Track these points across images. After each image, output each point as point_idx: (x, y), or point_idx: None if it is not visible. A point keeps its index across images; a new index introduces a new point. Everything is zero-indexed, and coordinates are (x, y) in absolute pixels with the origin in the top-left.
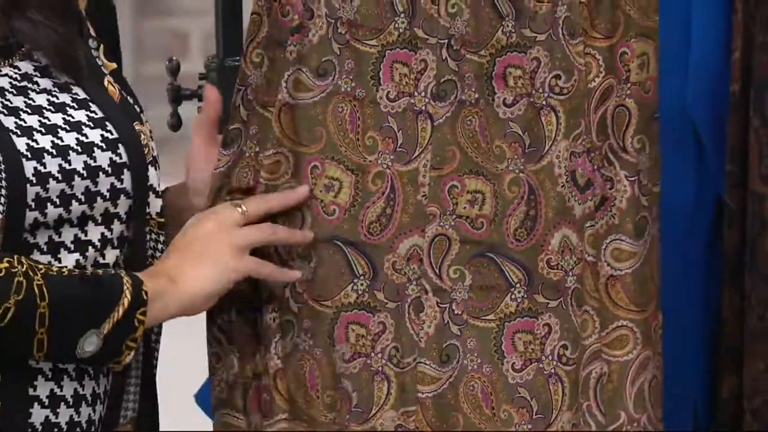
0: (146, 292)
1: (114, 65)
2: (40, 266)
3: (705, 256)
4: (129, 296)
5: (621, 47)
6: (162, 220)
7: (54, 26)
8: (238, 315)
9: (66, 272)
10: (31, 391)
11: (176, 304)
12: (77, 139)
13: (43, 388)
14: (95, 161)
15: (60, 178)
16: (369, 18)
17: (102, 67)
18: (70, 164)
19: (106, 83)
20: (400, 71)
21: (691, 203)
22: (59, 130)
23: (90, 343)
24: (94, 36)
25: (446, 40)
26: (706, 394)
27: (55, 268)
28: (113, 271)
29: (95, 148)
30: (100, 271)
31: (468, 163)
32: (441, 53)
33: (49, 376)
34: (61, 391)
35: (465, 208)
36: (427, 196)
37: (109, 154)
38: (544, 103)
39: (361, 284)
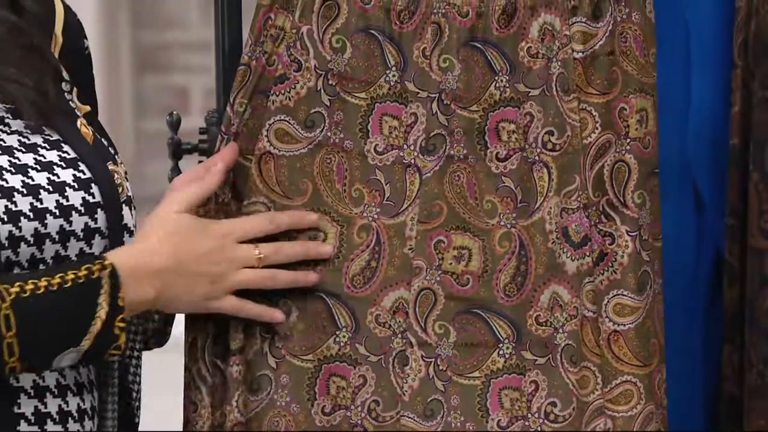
0: (122, 299)
1: (87, 108)
2: (13, 289)
3: (706, 310)
4: (106, 306)
5: (619, 103)
6: None
7: (27, 79)
8: (213, 367)
9: (42, 288)
10: (15, 410)
11: (150, 308)
12: (48, 178)
13: (27, 406)
14: (67, 200)
15: (32, 216)
16: (359, 70)
17: (75, 110)
18: (41, 203)
19: (79, 125)
20: (390, 124)
21: (692, 258)
22: (29, 169)
23: (68, 360)
24: (68, 79)
25: (437, 95)
26: None
27: (30, 286)
28: (95, 272)
29: (67, 188)
30: (81, 276)
31: (455, 218)
32: (431, 107)
33: (32, 394)
34: (46, 408)
35: (451, 263)
36: (414, 249)
37: (81, 193)
38: (536, 158)
39: (343, 336)
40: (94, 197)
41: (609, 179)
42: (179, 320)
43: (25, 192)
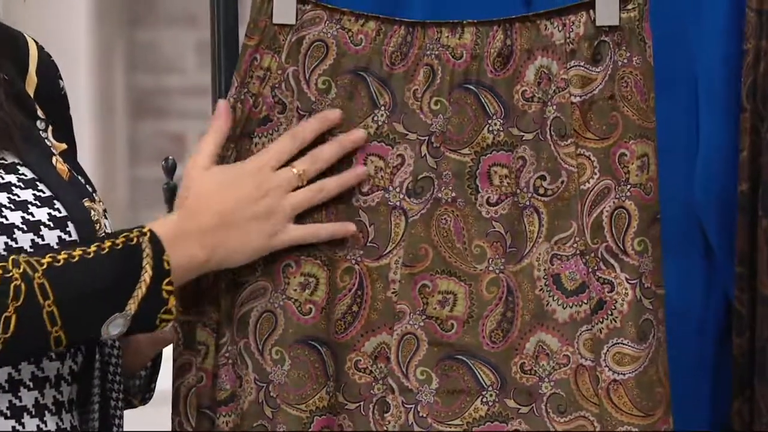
0: (168, 261)
1: (64, 146)
2: (44, 260)
3: (714, 360)
4: (150, 270)
5: (619, 149)
6: None
7: None
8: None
9: (77, 257)
10: None
11: (205, 270)
12: (22, 217)
13: (3, 425)
14: (43, 239)
15: (7, 255)
16: (344, 111)
17: (51, 148)
18: (16, 242)
19: (54, 162)
20: (376, 164)
21: (699, 306)
22: (3, 209)
23: (116, 326)
24: (42, 117)
25: (426, 137)
26: None
27: (63, 256)
28: (134, 238)
29: (42, 227)
30: (118, 243)
31: (440, 262)
32: (420, 150)
33: (8, 415)
34: (24, 428)
35: (435, 308)
36: (397, 293)
37: (57, 232)
38: (527, 203)
39: (331, 386)
40: (70, 236)
41: (608, 226)
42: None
43: None
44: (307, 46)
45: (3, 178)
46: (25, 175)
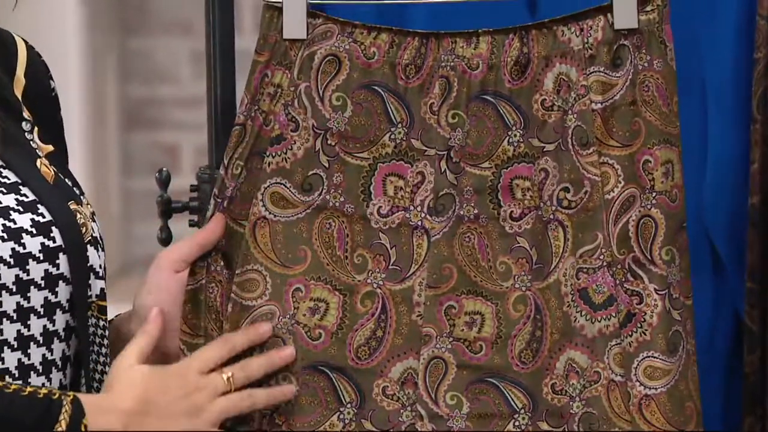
0: (86, 426)
1: (50, 147)
2: None
3: (724, 378)
4: (64, 426)
5: (643, 155)
6: (104, 303)
7: None
8: None
9: None
10: None
11: None
12: (3, 225)
13: None
14: (24, 248)
15: None
16: (360, 129)
17: (37, 150)
18: None
19: (39, 164)
20: (395, 184)
21: (708, 322)
22: None
23: None
24: (28, 119)
25: (445, 152)
26: None
27: None
28: (56, 394)
29: (24, 234)
30: (41, 393)
31: (466, 282)
32: (440, 166)
33: None
34: None
35: (462, 330)
36: (423, 316)
37: (40, 239)
38: (551, 216)
39: (348, 413)
40: (54, 242)
41: (635, 235)
42: None
43: None
44: (319, 61)
45: None
46: (8, 179)
